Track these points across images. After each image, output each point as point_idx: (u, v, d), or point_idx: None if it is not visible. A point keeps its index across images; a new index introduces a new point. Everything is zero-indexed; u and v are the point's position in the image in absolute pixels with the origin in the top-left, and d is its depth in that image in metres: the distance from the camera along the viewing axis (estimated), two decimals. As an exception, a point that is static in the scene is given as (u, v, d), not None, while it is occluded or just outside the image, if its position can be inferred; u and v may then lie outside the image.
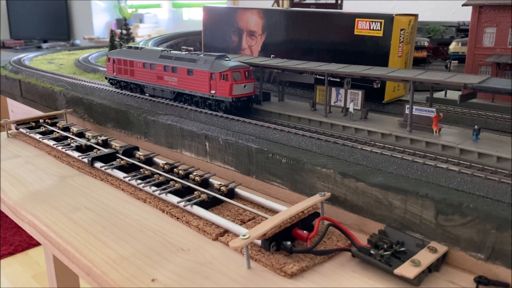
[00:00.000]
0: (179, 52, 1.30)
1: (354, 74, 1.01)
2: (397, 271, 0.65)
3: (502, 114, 1.09)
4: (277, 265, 0.71)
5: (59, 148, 1.24)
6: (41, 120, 1.48)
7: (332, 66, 1.06)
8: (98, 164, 1.11)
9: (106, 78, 1.53)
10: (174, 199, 0.90)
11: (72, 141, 1.26)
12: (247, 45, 1.55)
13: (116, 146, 1.18)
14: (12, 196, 1.02)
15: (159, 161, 1.09)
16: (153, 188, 0.95)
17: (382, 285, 0.67)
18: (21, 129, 1.43)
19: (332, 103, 1.10)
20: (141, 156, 1.11)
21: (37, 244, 3.02)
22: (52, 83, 1.72)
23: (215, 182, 0.96)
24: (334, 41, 1.32)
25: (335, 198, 0.84)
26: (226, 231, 0.81)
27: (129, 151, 1.15)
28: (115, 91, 1.46)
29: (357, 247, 0.72)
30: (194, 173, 0.99)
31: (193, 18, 5.44)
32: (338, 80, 1.23)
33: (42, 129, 1.40)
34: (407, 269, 0.64)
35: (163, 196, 0.93)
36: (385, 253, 0.69)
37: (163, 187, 0.95)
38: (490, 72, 1.20)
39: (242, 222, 0.84)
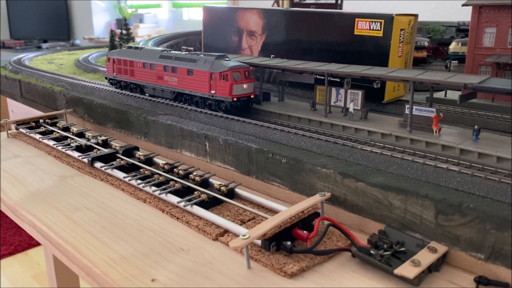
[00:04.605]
0: (179, 52, 1.30)
1: (354, 74, 1.01)
2: (397, 271, 0.65)
3: (502, 114, 1.09)
4: (277, 265, 0.71)
5: (59, 148, 1.24)
6: (41, 120, 1.48)
7: (332, 66, 1.06)
8: (98, 164, 1.11)
9: (106, 78, 1.53)
10: (174, 199, 0.90)
11: (72, 141, 1.26)
12: (247, 45, 1.55)
13: (116, 146, 1.18)
14: (12, 196, 1.02)
15: (159, 161, 1.09)
16: (153, 188, 0.95)
17: (382, 285, 0.67)
18: (21, 129, 1.43)
19: (332, 103, 1.10)
20: (141, 156, 1.11)
21: (37, 244, 3.02)
22: (52, 83, 1.72)
23: (215, 182, 0.96)
24: (334, 41, 1.32)
25: (335, 198, 0.84)
26: (226, 231, 0.81)
27: (129, 151, 1.15)
28: (115, 91, 1.46)
29: (357, 247, 0.72)
30: (194, 173, 0.99)
31: (193, 18, 5.44)
32: (338, 80, 1.23)
33: (42, 129, 1.40)
34: (407, 269, 0.64)
35: (163, 196, 0.93)
36: (385, 253, 0.69)
37: (163, 187, 0.95)
38: (490, 72, 1.20)
39: (242, 222, 0.84)
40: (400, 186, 0.75)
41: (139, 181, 0.99)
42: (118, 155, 1.14)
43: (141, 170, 1.05)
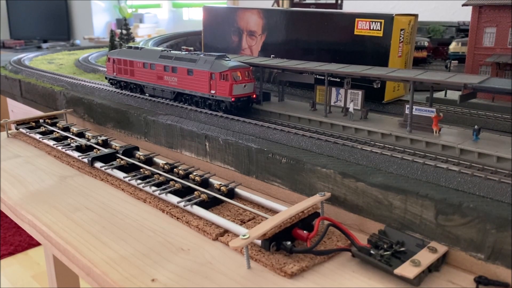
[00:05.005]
0: (179, 52, 1.30)
1: (354, 74, 1.01)
2: (397, 271, 0.65)
3: (502, 114, 1.09)
4: (277, 265, 0.71)
5: (59, 148, 1.24)
6: (41, 120, 1.48)
7: (332, 66, 1.06)
8: (98, 164, 1.11)
9: (106, 78, 1.53)
10: (174, 199, 0.90)
11: (72, 141, 1.26)
12: (247, 45, 1.55)
13: (116, 146, 1.18)
14: (12, 196, 1.02)
15: (159, 161, 1.09)
16: (153, 188, 0.95)
17: (382, 285, 0.67)
18: (21, 129, 1.43)
19: (332, 103, 1.09)
20: (141, 156, 1.11)
21: (37, 244, 3.02)
22: (52, 83, 1.72)
23: (215, 182, 0.96)
24: (334, 41, 1.32)
25: (335, 198, 0.84)
26: (226, 231, 0.81)
27: (129, 151, 1.15)
28: (115, 91, 1.46)
29: (357, 247, 0.72)
30: (194, 173, 0.99)
31: (193, 18, 5.45)
32: (338, 80, 1.23)
33: (42, 129, 1.40)
34: (407, 269, 0.64)
35: (163, 196, 0.93)
36: (385, 253, 0.69)
37: (163, 187, 0.95)
38: (490, 72, 1.20)
39: (242, 222, 0.84)
40: (400, 186, 0.75)
41: (139, 181, 0.99)
42: (118, 155, 1.14)
43: (141, 170, 1.05)
